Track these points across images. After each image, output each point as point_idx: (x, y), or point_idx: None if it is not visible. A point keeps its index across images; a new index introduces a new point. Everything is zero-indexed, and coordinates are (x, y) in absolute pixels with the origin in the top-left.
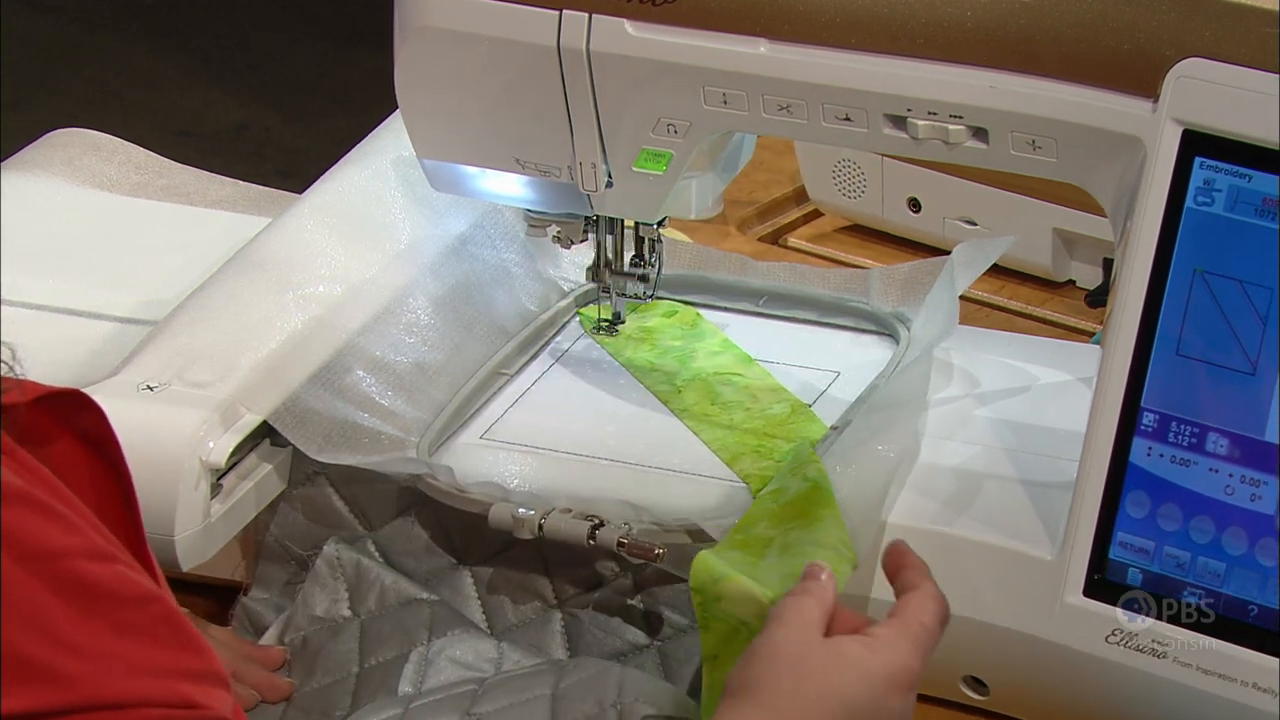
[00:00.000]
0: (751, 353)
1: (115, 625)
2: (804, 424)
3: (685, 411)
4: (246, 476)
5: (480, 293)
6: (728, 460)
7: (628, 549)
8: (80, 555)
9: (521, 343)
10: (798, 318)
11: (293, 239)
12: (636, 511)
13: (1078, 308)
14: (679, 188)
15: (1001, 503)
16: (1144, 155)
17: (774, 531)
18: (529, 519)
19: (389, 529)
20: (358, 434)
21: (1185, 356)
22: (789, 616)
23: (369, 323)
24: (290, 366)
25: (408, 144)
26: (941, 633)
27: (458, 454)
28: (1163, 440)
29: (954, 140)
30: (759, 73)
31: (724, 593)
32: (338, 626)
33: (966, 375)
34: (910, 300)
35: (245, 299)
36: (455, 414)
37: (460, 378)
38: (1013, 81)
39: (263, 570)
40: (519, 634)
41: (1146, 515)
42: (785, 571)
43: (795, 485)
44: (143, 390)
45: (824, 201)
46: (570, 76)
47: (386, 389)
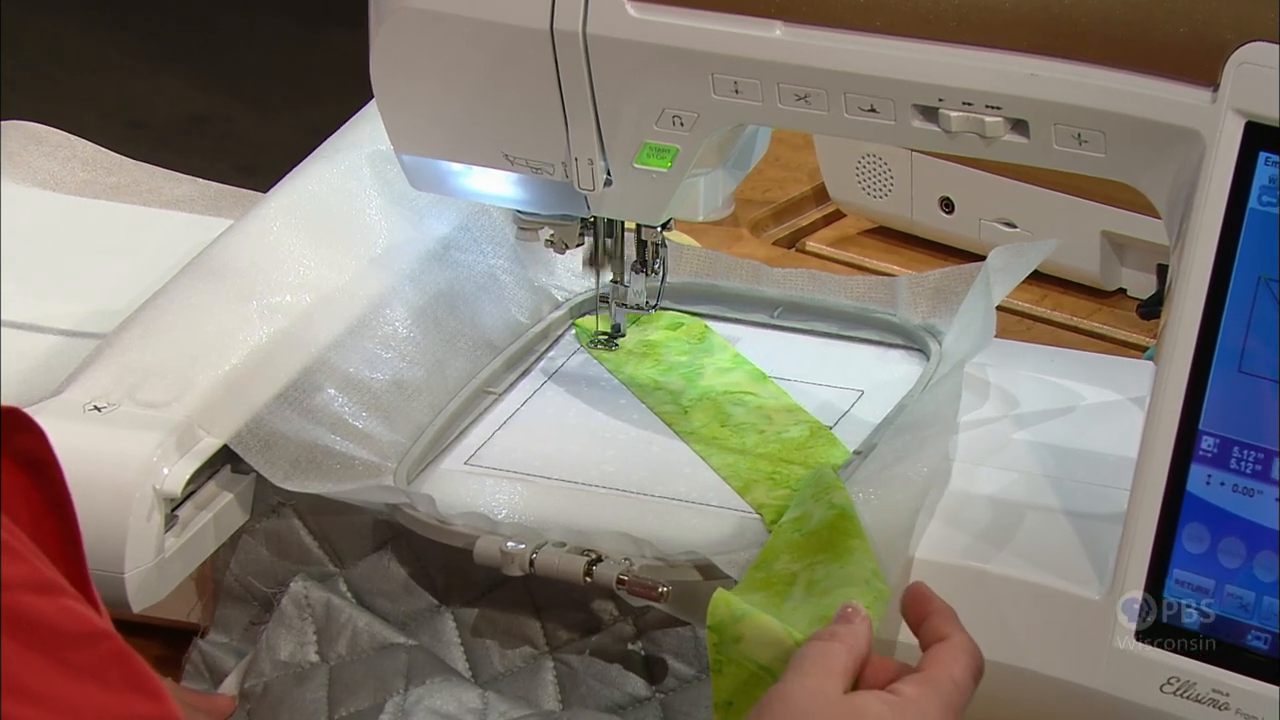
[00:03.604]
0: (765, 369)
1: (61, 665)
2: (824, 448)
3: (692, 434)
4: (204, 507)
5: (465, 303)
6: (739, 488)
7: (628, 587)
8: (22, 587)
9: (510, 358)
10: (817, 330)
11: (256, 243)
12: (638, 545)
13: (1129, 319)
14: (685, 186)
15: (1043, 536)
16: (1202, 150)
17: (798, 566)
18: (519, 554)
19: (363, 566)
20: (328, 459)
21: (1248, 374)
22: (810, 666)
23: (341, 336)
24: (253, 385)
25: (385, 137)
26: (975, 688)
27: (439, 482)
28: (1223, 467)
29: (991, 133)
30: (774, 58)
31: (744, 633)
32: (304, 673)
33: (1004, 394)
34: (941, 311)
35: (204, 309)
36: (437, 437)
37: (442, 397)
38: (1056, 68)
39: (222, 611)
40: (506, 683)
41: (1206, 550)
42: (814, 614)
43: (819, 512)
44: (89, 411)
45: (846, 201)
46: (565, 63)
47: (360, 410)
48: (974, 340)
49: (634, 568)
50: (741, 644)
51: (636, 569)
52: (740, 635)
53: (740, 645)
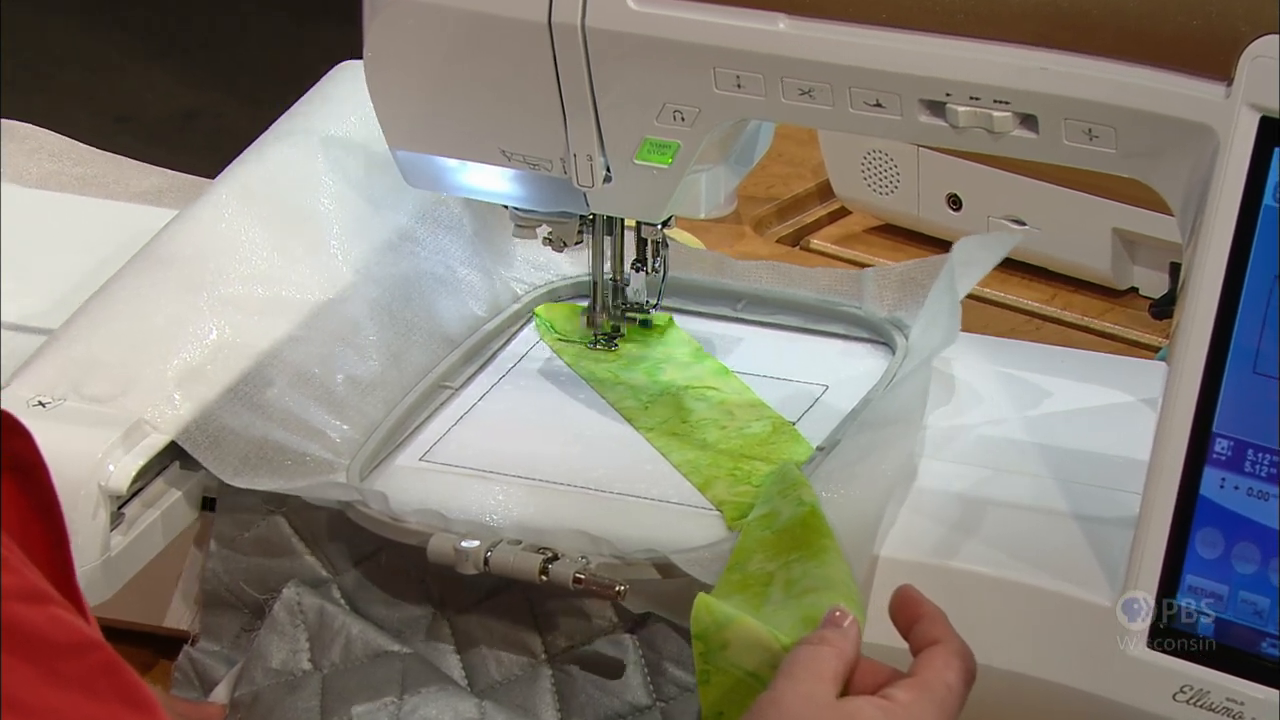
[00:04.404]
0: (728, 363)
1: (50, 676)
2: (786, 444)
3: (652, 430)
4: (152, 504)
5: (422, 295)
6: (699, 485)
7: (585, 585)
8: (11, 596)
9: (468, 352)
10: (781, 324)
11: (208, 230)
12: (595, 543)
13: (1141, 319)
14: (686, 183)
15: (1053, 541)
16: (1216, 145)
17: (773, 565)
18: (473, 552)
19: (356, 573)
20: (279, 456)
21: (1263, 375)
22: (800, 671)
23: (293, 329)
24: (203, 379)
25: (341, 119)
26: (968, 692)
27: (394, 478)
28: (1238, 470)
29: (999, 128)
30: (778, 52)
31: (730, 639)
32: (296, 681)
33: (1013, 396)
34: (908, 304)
35: (151, 301)
36: (391, 433)
37: (397, 392)
38: (1066, 62)
39: (212, 619)
40: (504, 692)
41: (1219, 555)
42: (798, 615)
43: (788, 509)
44: (33, 406)
45: (852, 198)
46: (563, 56)
47: (313, 405)
48: (941, 334)
49: (591, 566)
50: (728, 651)
51: (593, 567)
52: (726, 642)
53: (727, 652)
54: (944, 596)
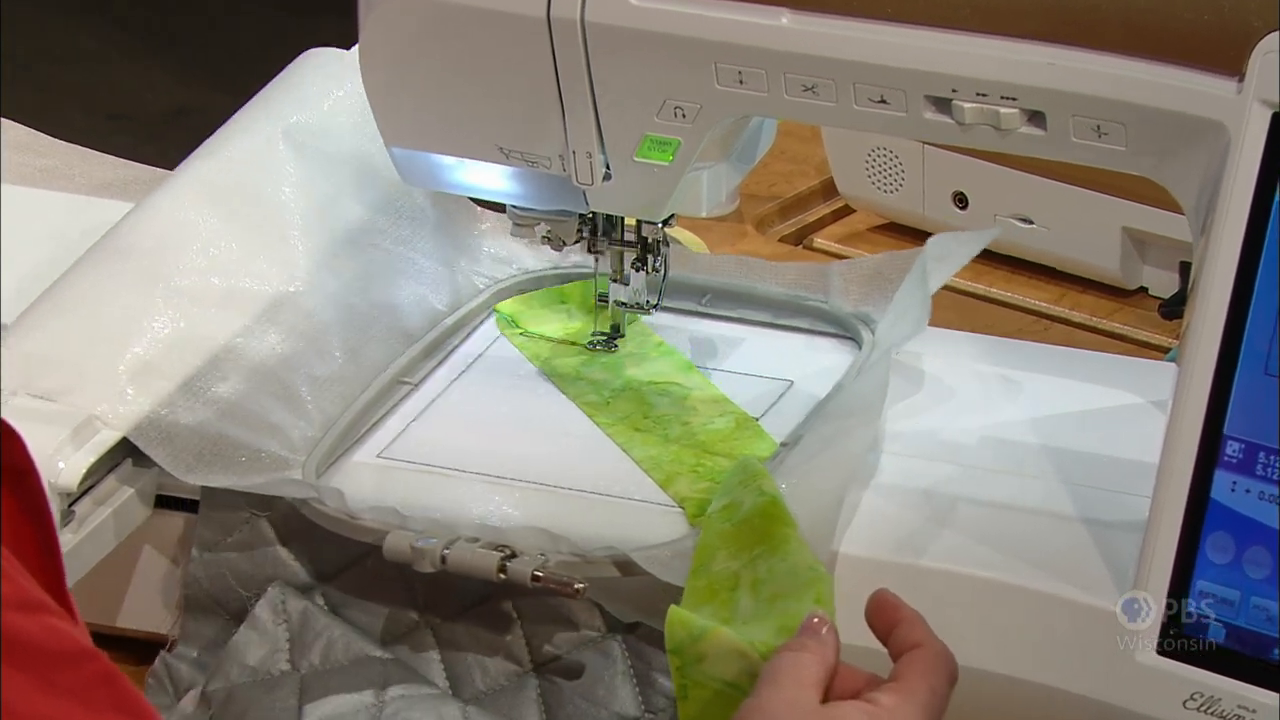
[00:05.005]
0: (692, 359)
1: (45, 686)
2: (750, 440)
3: (614, 426)
4: (104, 502)
5: (382, 288)
6: (661, 481)
7: (544, 583)
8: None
9: (428, 347)
10: (746, 319)
11: (163, 221)
12: (554, 541)
13: (1150, 319)
14: (687, 181)
15: (1062, 545)
16: (1227, 142)
17: (737, 564)
18: (430, 550)
19: (341, 580)
20: (234, 452)
21: (1276, 376)
22: (783, 678)
23: (249, 322)
24: (157, 373)
25: (304, 107)
26: (950, 694)
27: (350, 475)
28: (1249, 473)
29: (1006, 125)
30: (780, 47)
31: (707, 651)
32: (273, 681)
33: (1021, 398)
34: (875, 299)
35: (106, 294)
36: (349, 429)
37: (356, 387)
38: (1075, 57)
39: (190, 623)
40: (489, 701)
41: (1230, 560)
42: (774, 625)
43: (749, 499)
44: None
45: (856, 196)
46: (562, 52)
47: (269, 400)
48: (908, 329)
49: (550, 564)
50: (705, 663)
51: (552, 565)
52: (703, 654)
53: (704, 665)
54: (951, 601)
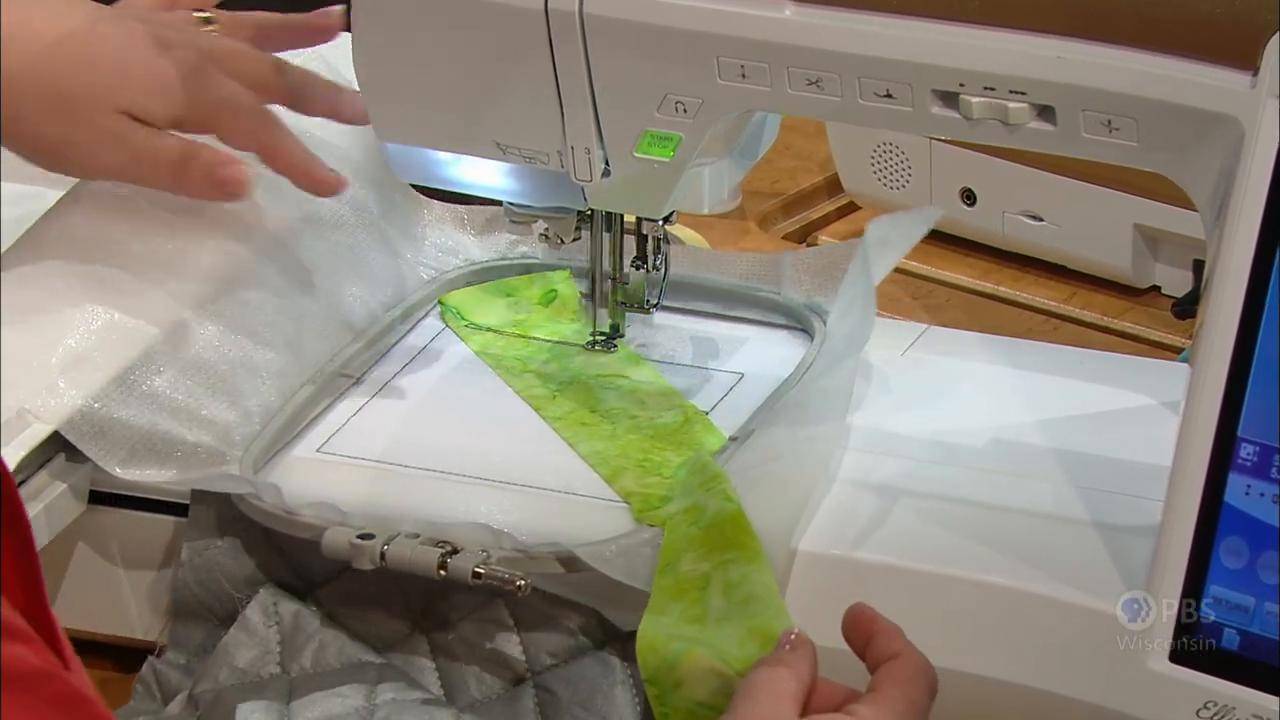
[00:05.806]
0: (641, 351)
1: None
2: (699, 434)
3: (560, 420)
4: (35, 498)
5: (323, 279)
6: (607, 476)
7: (486, 580)
8: None
9: (370, 339)
10: (696, 310)
11: (99, 209)
12: (496, 537)
13: (1163, 319)
14: (688, 177)
15: (1072, 549)
16: (1241, 138)
17: (707, 565)
18: (369, 546)
19: (335, 585)
20: (169, 446)
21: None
22: (759, 693)
23: (186, 314)
24: (90, 366)
25: None
26: (931, 704)
27: (289, 470)
28: (1264, 477)
29: (1015, 120)
30: (784, 40)
31: (683, 676)
32: (262, 684)
33: (1030, 399)
34: (828, 289)
35: (34, 284)
36: (288, 423)
37: (295, 380)
38: (1085, 50)
39: (179, 629)
40: (484, 711)
41: (1244, 565)
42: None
43: (714, 504)
44: None
45: (861, 193)
46: (561, 45)
47: (205, 393)
48: (857, 320)
49: (492, 560)
50: (682, 689)
51: (494, 561)
52: (680, 680)
53: (681, 690)
54: (959, 607)
